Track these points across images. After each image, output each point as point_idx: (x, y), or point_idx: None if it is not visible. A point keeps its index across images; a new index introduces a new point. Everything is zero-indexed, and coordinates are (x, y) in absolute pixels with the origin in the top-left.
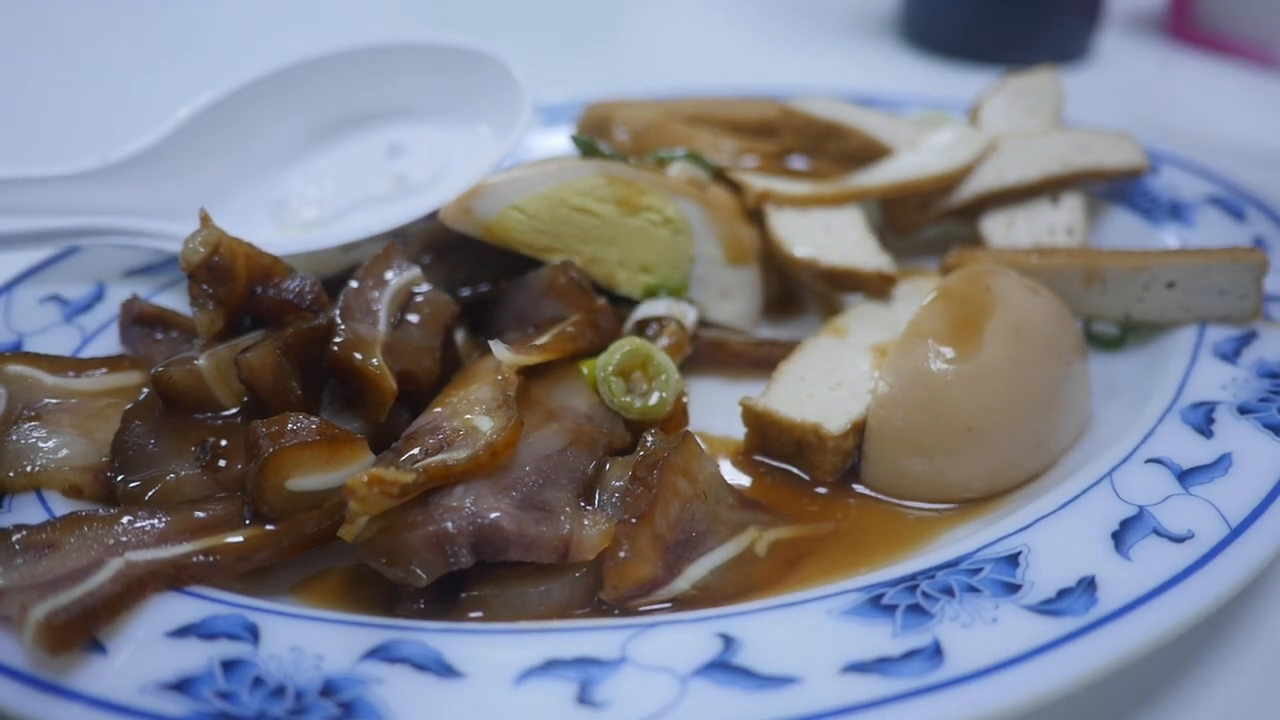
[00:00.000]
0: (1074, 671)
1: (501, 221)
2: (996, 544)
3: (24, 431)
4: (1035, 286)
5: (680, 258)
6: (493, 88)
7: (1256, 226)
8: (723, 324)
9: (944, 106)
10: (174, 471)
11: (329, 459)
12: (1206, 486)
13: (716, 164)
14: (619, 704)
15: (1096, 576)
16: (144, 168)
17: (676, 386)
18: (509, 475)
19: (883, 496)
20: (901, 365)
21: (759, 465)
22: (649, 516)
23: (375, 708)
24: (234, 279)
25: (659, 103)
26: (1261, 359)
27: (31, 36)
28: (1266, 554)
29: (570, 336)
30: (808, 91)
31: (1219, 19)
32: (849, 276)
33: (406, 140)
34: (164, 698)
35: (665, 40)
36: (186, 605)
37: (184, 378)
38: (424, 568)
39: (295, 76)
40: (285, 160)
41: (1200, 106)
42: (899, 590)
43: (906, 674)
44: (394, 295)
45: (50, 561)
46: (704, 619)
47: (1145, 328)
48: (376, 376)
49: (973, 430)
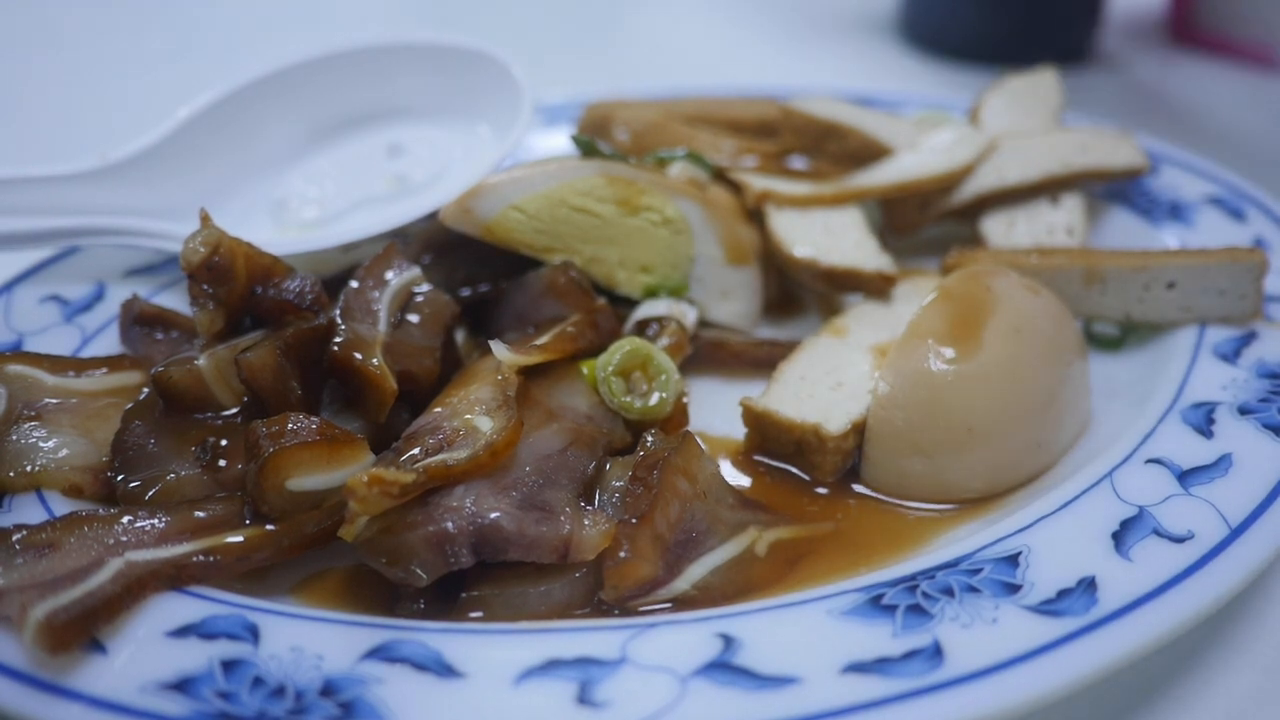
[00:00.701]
0: (1074, 671)
1: (501, 221)
2: (996, 544)
3: (24, 431)
4: (1035, 286)
5: (680, 258)
6: (493, 88)
7: (1256, 226)
8: (723, 324)
9: (944, 106)
10: (174, 471)
11: (329, 459)
12: (1207, 487)
13: (716, 164)
14: (619, 704)
15: (1096, 577)
16: (144, 168)
17: (676, 386)
18: (509, 475)
19: (883, 496)
20: (901, 365)
21: (759, 465)
22: (649, 516)
23: (375, 708)
24: (234, 279)
25: (659, 103)
26: (1261, 359)
27: (31, 36)
28: (1266, 554)
29: (570, 336)
30: (808, 91)
31: (1219, 20)
32: (849, 276)
33: (406, 140)
34: (164, 698)
35: (665, 40)
36: (186, 605)
37: (184, 378)
38: (424, 568)
39: (295, 76)
40: (285, 160)
41: (1200, 107)
42: (899, 590)
43: (906, 674)
44: (394, 295)
45: (50, 561)
46: (704, 619)
47: (1145, 328)
48: (376, 376)
49: (973, 430)
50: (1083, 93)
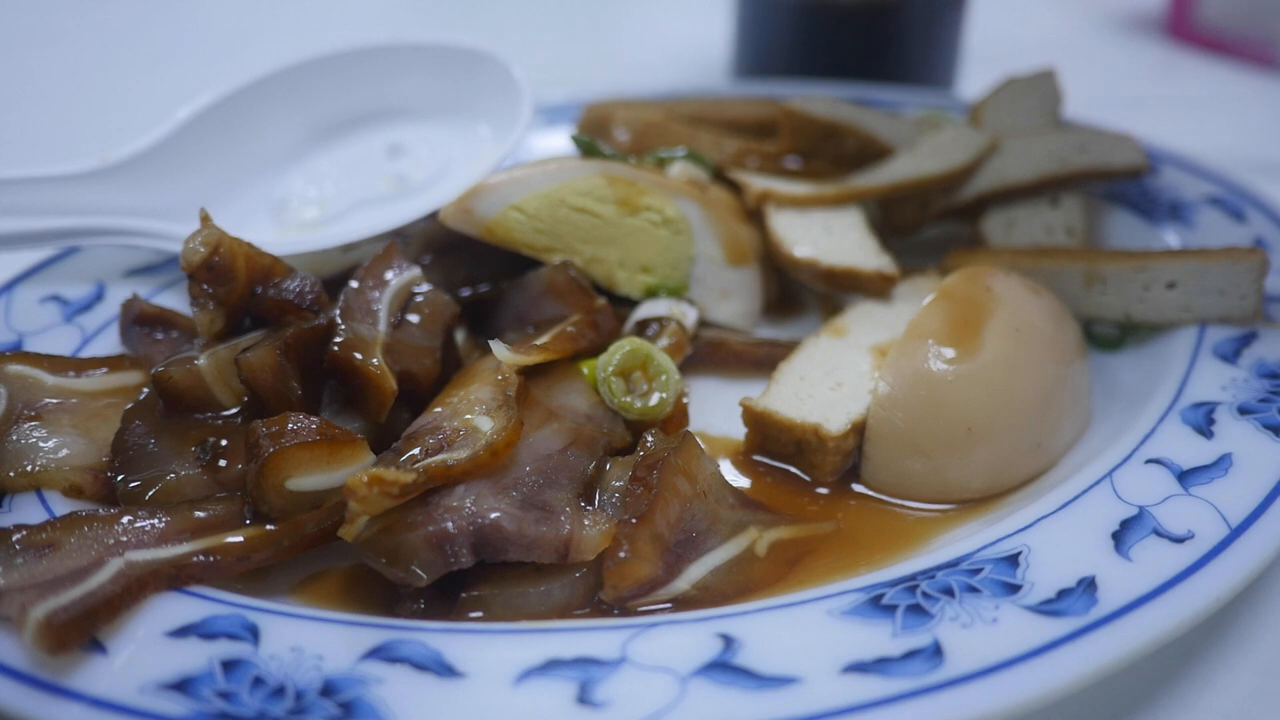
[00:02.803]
0: (1074, 671)
1: (502, 221)
2: (996, 544)
3: (24, 431)
4: (1035, 286)
5: (680, 258)
6: (493, 88)
7: (1256, 226)
8: (723, 324)
9: (944, 106)
10: (174, 471)
11: (329, 459)
12: (1206, 487)
13: (716, 164)
14: (619, 704)
15: (1096, 577)
16: (144, 168)
17: (676, 387)
18: (509, 475)
19: (883, 496)
20: (902, 365)
21: (759, 465)
22: (649, 517)
23: (375, 708)
24: (234, 279)
25: (659, 103)
26: (1261, 359)
27: (31, 36)
28: (1266, 554)
29: (570, 336)
30: (808, 91)
31: (1219, 19)
32: (849, 276)
33: (407, 140)
34: (164, 698)
35: (665, 40)
36: (186, 605)
37: (184, 378)
38: (424, 568)
39: (296, 76)
40: (285, 160)
41: (1200, 106)
42: (899, 590)
43: (906, 674)
44: (394, 295)
45: (50, 561)
46: (704, 619)
47: (1145, 328)
48: (376, 376)
49: (973, 430)
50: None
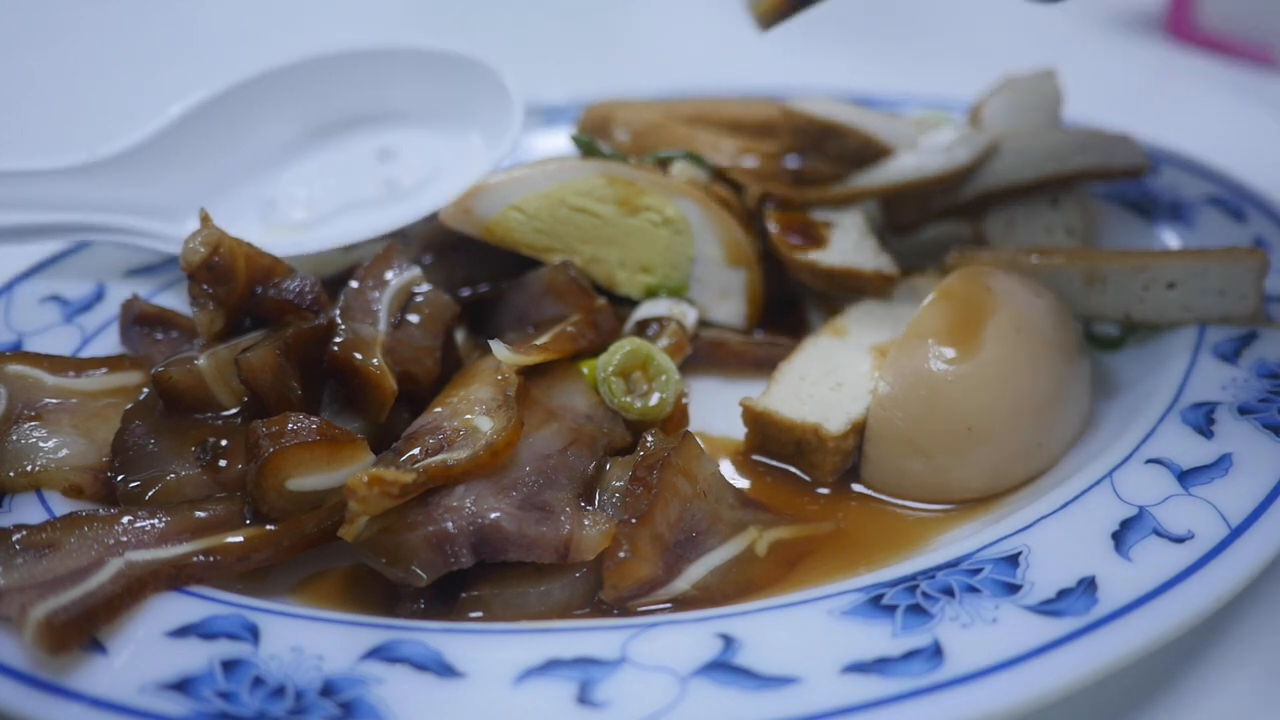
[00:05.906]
0: (1074, 671)
1: (502, 221)
2: (996, 544)
3: (24, 431)
4: (1036, 286)
5: (680, 258)
6: (485, 96)
7: (1256, 226)
8: (722, 324)
9: (944, 106)
10: (174, 471)
11: (329, 459)
12: (1206, 487)
13: (716, 164)
14: (619, 704)
15: (1096, 577)
16: (132, 164)
17: (676, 387)
18: (509, 475)
19: (883, 496)
20: (902, 365)
21: (759, 465)
22: (649, 517)
23: (375, 708)
24: (234, 279)
25: (659, 103)
26: (1261, 359)
27: (28, 35)
28: (1266, 554)
29: (570, 336)
30: (808, 91)
31: (1219, 19)
32: (849, 276)
33: (398, 145)
34: (164, 698)
35: (665, 40)
36: (186, 605)
37: (184, 378)
38: (424, 568)
39: (289, 77)
40: (276, 161)
41: (1200, 106)
42: (899, 590)
43: (906, 674)
44: (394, 295)
45: (50, 561)
46: (704, 619)
47: (1145, 328)
48: (376, 376)
49: (973, 430)
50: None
